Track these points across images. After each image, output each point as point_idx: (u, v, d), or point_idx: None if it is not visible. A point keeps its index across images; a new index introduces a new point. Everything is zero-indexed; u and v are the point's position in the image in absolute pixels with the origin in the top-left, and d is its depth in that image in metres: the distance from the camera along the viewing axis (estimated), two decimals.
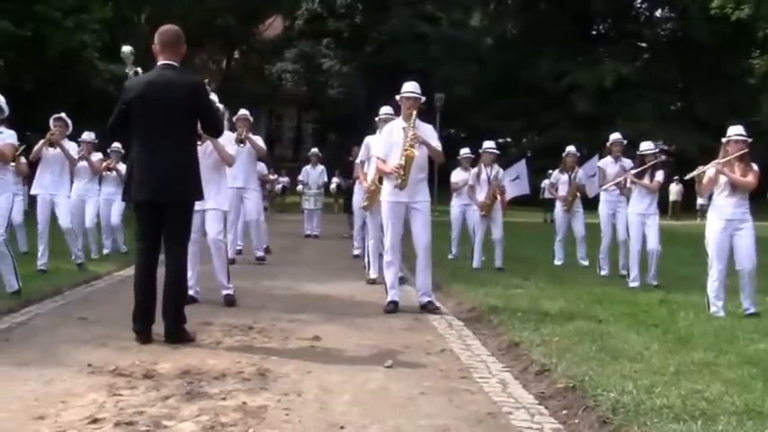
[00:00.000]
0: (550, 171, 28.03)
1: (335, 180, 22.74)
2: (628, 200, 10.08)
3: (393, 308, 7.51)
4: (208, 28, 33.91)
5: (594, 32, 48.46)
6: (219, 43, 41.24)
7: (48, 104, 18.41)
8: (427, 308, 7.52)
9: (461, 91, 38.69)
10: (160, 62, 5.84)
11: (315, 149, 19.80)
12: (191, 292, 7.38)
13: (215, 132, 6.52)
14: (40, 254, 9.51)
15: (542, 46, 41.67)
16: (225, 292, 7.65)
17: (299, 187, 18.83)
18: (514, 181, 12.26)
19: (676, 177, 28.71)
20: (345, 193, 17.73)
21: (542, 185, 28.54)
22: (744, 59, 34.23)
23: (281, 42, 45.65)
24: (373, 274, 9.55)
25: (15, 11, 20.13)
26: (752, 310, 7.46)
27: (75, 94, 21.22)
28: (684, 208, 31.88)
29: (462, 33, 42.71)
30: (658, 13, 47.09)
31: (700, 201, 32.39)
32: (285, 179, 31.28)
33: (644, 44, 46.53)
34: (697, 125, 38.38)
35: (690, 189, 30.54)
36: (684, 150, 32.48)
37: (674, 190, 31.99)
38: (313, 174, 18.36)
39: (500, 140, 35.05)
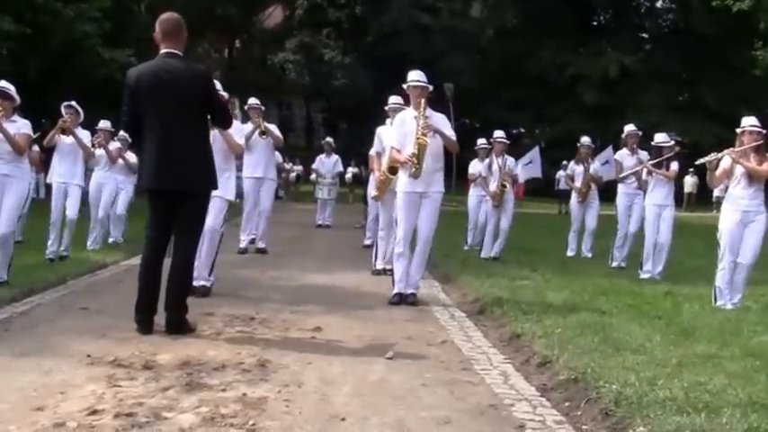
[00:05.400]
0: (565, 162, 28.13)
1: (351, 170, 22.60)
2: (645, 192, 10.04)
3: (398, 300, 7.46)
4: (208, 17, 33.83)
5: (595, 23, 48.37)
6: (220, 32, 41.13)
7: (55, 92, 18.41)
8: (407, 300, 7.45)
9: (468, 82, 38.55)
10: (163, 51, 5.77)
11: (329, 138, 19.62)
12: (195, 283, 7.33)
13: (224, 124, 6.46)
14: (50, 242, 9.52)
15: (543, 37, 41.55)
16: (201, 282, 7.37)
17: (313, 176, 18.71)
18: (528, 165, 12.27)
19: (691, 169, 28.66)
20: (365, 183, 17.68)
21: (557, 177, 28.50)
22: (746, 51, 34.06)
23: (282, 32, 45.57)
24: (379, 265, 9.52)
25: (11, 4, 20.03)
26: (737, 304, 7.45)
27: (80, 83, 21.18)
28: (700, 200, 31.84)
29: (463, 24, 42.57)
30: (659, 3, 47.00)
31: (716, 193, 32.28)
32: (299, 168, 31.20)
33: (645, 35, 46.44)
34: (709, 116, 38.31)
35: (705, 180, 30.46)
36: (698, 142, 32.32)
37: (690, 182, 31.95)
38: (327, 163, 18.21)
39: (514, 131, 34.96)
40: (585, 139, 12.79)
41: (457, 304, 7.60)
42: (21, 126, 7.52)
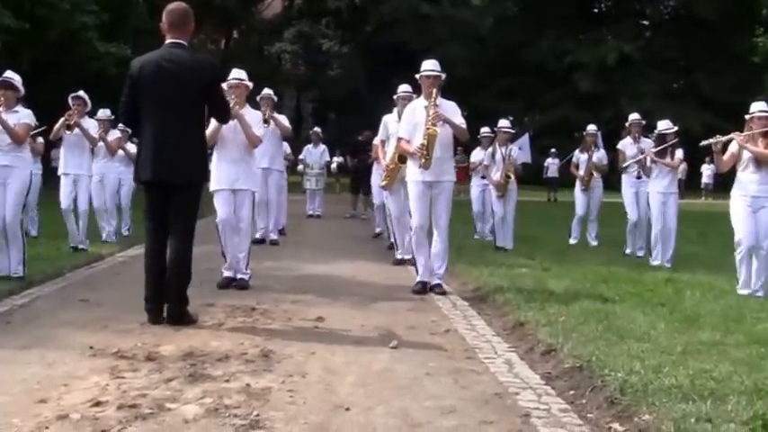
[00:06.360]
0: (553, 150, 28.09)
1: (336, 159, 22.55)
2: (648, 178, 10.00)
3: (421, 288, 7.42)
4: (206, 7, 33.65)
5: (596, 10, 48.20)
6: (218, 23, 40.98)
7: (50, 85, 18.31)
8: (434, 290, 7.45)
9: (463, 71, 38.44)
10: (168, 41, 5.75)
11: (317, 129, 19.56)
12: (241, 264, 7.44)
13: (222, 119, 6.42)
14: (76, 229, 9.59)
15: (543, 25, 41.43)
16: (239, 275, 7.50)
17: (300, 167, 18.70)
18: (518, 151, 12.29)
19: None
20: (352, 172, 17.57)
21: (545, 164, 28.51)
22: (747, 37, 34.02)
23: (280, 22, 45.42)
24: (400, 255, 9.41)
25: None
26: (760, 294, 7.36)
27: (75, 76, 21.10)
28: (689, 186, 31.79)
29: (463, 12, 42.41)
30: None
31: (704, 180, 32.38)
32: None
33: (646, 22, 46.30)
34: (701, 103, 38.30)
35: (694, 167, 30.62)
36: (688, 129, 32.40)
37: (679, 169, 31.82)
38: (314, 153, 18.14)
39: (502, 119, 34.73)
40: (591, 127, 12.74)
41: (458, 293, 7.57)
42: (22, 116, 7.49)
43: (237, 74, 7.82)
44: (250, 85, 7.90)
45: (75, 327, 5.55)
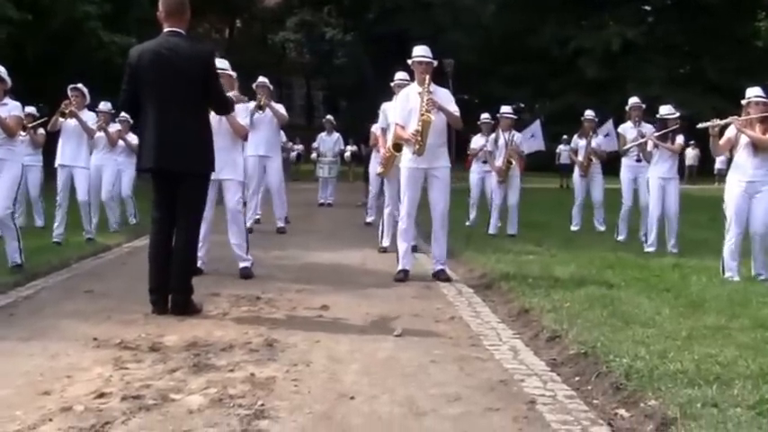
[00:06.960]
0: (565, 136, 28.01)
1: (350, 148, 22.51)
2: (648, 162, 9.96)
3: (403, 276, 7.45)
4: None
5: None
6: (221, 12, 40.90)
7: (54, 77, 18.28)
8: (439, 276, 7.45)
9: (468, 57, 38.30)
10: (165, 29, 5.74)
11: (330, 116, 19.42)
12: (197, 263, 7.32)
13: (221, 110, 6.39)
14: (56, 224, 9.51)
15: (544, 10, 41.26)
16: (242, 264, 7.50)
17: (314, 155, 18.59)
18: (530, 139, 12.23)
19: (692, 142, 28.48)
20: (365, 160, 17.58)
21: (557, 151, 28.43)
22: (750, 22, 33.84)
23: (282, 11, 45.33)
24: (385, 242, 9.48)
25: None
26: (764, 276, 7.35)
27: (80, 67, 21.06)
28: (701, 172, 31.68)
29: None
30: None
31: (717, 165, 32.27)
32: (299, 147, 31.05)
33: (648, 7, 46.02)
34: (709, 88, 38.11)
35: (706, 153, 30.48)
36: (698, 114, 32.30)
37: (691, 154, 31.78)
38: (328, 141, 18.06)
39: (512, 105, 34.75)
40: (589, 113, 12.75)
41: (464, 280, 7.56)
42: (11, 108, 7.46)
43: (219, 63, 7.76)
44: (233, 74, 7.84)
45: (79, 318, 5.55)
